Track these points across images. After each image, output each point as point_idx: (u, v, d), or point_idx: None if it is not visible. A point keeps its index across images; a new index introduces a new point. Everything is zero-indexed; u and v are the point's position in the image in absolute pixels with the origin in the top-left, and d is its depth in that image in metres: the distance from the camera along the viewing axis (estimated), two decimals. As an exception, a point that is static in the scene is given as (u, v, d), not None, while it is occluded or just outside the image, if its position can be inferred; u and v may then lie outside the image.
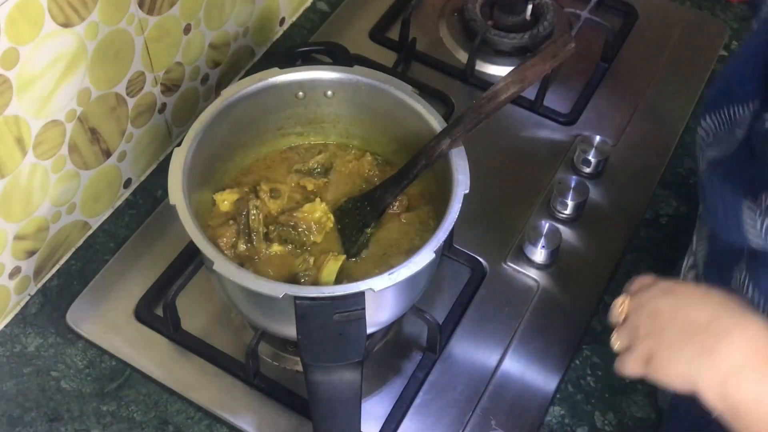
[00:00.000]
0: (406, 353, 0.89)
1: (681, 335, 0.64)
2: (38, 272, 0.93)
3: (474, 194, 0.77)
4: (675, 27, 1.20)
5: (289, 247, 0.83)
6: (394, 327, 0.89)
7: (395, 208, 0.86)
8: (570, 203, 0.98)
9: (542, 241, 0.94)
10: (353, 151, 0.92)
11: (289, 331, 0.72)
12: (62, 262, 0.95)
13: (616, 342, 0.69)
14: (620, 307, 0.70)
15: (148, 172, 1.03)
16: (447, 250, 0.94)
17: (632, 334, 0.67)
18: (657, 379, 0.65)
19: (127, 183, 1.01)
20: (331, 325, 0.71)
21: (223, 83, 1.10)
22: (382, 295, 0.72)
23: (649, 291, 0.68)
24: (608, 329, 0.92)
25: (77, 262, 0.96)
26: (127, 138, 0.97)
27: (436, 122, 0.83)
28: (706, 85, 1.14)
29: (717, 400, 0.61)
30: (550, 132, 1.08)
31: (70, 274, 0.95)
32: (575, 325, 0.92)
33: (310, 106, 0.88)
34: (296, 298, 0.70)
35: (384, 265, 0.82)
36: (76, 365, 0.88)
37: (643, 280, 0.70)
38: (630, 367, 0.67)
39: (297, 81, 0.86)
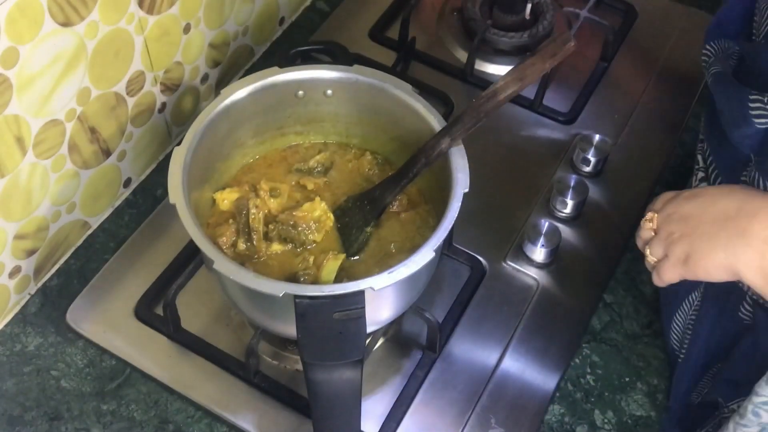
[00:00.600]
0: (405, 352, 0.89)
1: (714, 226, 0.67)
2: (38, 271, 0.93)
3: (473, 193, 0.78)
4: (674, 26, 1.20)
5: (289, 246, 0.83)
6: (393, 326, 0.89)
7: (395, 207, 0.86)
8: (569, 202, 0.98)
9: (542, 240, 0.94)
10: (353, 150, 0.92)
11: (289, 329, 0.72)
12: (62, 261, 0.96)
13: (650, 256, 0.72)
14: (649, 221, 0.72)
15: (147, 172, 1.03)
16: (447, 248, 0.94)
17: (666, 241, 0.70)
18: (697, 275, 0.68)
19: (127, 182, 1.01)
20: (331, 323, 0.71)
21: (222, 82, 1.10)
22: (381, 294, 0.72)
23: (674, 201, 0.71)
24: (607, 328, 0.93)
25: (77, 261, 0.96)
26: (126, 137, 0.97)
27: (435, 121, 0.83)
28: (705, 85, 1.13)
29: (757, 278, 0.65)
30: (550, 131, 1.08)
31: (70, 273, 0.95)
32: (575, 323, 0.92)
33: (310, 105, 0.88)
34: (296, 296, 0.70)
35: (384, 263, 0.82)
36: (76, 364, 0.88)
37: (666, 195, 0.73)
38: (668, 273, 0.70)
39: (297, 80, 0.86)
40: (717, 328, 0.81)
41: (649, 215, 0.73)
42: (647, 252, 0.72)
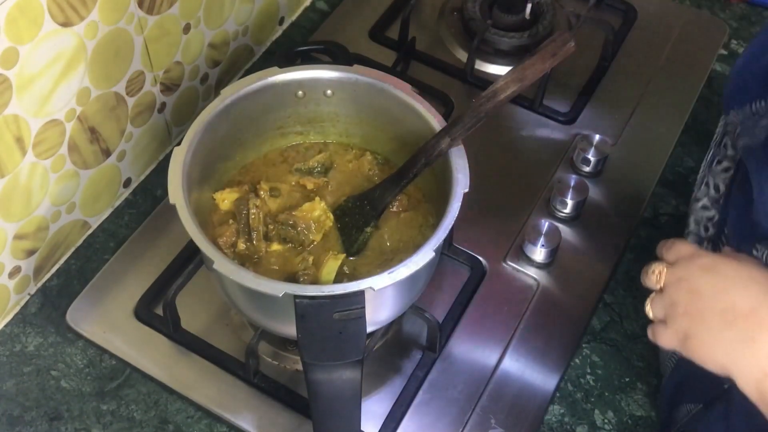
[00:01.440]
0: (405, 352, 0.89)
1: (721, 319, 0.63)
2: (38, 272, 0.93)
3: (473, 193, 0.77)
4: (674, 26, 1.20)
5: (289, 246, 0.83)
6: (393, 326, 0.89)
7: (395, 207, 0.86)
8: (569, 202, 0.98)
9: (542, 240, 0.94)
10: (353, 150, 0.92)
11: (289, 330, 0.72)
12: (62, 261, 0.96)
13: (651, 311, 0.69)
14: (657, 275, 0.69)
15: (147, 172, 1.03)
16: (447, 248, 0.94)
17: (669, 308, 0.66)
18: (692, 358, 0.65)
19: (127, 182, 1.01)
20: (330, 323, 0.71)
21: (222, 82, 1.10)
22: (381, 294, 0.72)
23: (688, 265, 0.67)
24: (607, 328, 0.93)
25: (77, 261, 0.96)
26: (126, 137, 0.97)
27: (435, 121, 0.83)
28: (706, 84, 1.14)
29: (753, 391, 0.61)
30: (550, 131, 1.08)
31: (70, 273, 0.95)
32: (575, 323, 0.92)
33: (310, 105, 0.88)
34: (296, 296, 0.70)
35: (383, 263, 0.82)
36: (76, 364, 0.88)
37: (681, 250, 0.69)
38: (665, 340, 0.67)
39: (296, 80, 0.86)
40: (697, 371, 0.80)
41: (658, 268, 0.69)
42: (648, 306, 0.69)
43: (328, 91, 0.87)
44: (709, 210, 0.83)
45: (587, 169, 1.03)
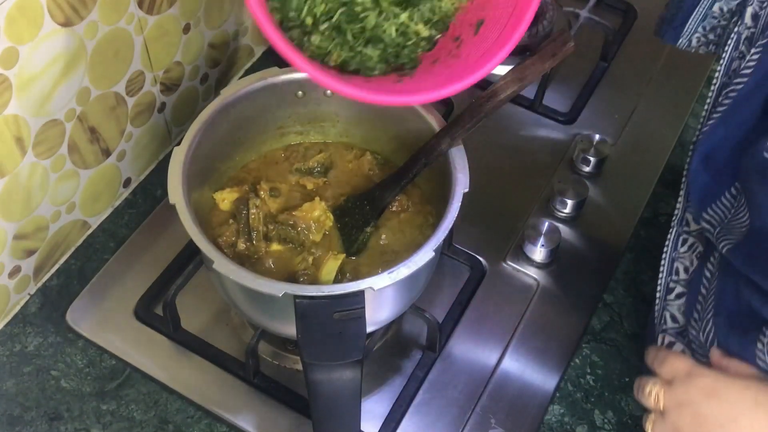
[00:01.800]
0: (405, 352, 0.89)
1: None
2: (38, 271, 0.93)
3: (473, 193, 0.77)
4: (674, 26, 1.20)
5: (289, 246, 0.83)
6: (393, 326, 0.89)
7: (395, 206, 0.86)
8: (569, 202, 0.98)
9: (542, 240, 0.94)
10: (353, 150, 0.92)
11: (289, 330, 0.72)
12: (62, 261, 0.95)
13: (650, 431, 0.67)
14: (654, 395, 0.67)
15: (147, 172, 1.03)
16: (446, 248, 0.94)
17: None
18: None
19: (127, 182, 1.01)
20: (330, 323, 0.71)
21: (222, 82, 1.10)
22: (381, 294, 0.72)
23: (688, 388, 0.65)
24: (607, 328, 0.93)
25: (77, 261, 0.96)
26: (126, 137, 0.97)
27: (435, 121, 0.83)
28: (705, 85, 1.14)
29: None
30: (550, 131, 1.08)
31: (70, 273, 0.95)
32: (575, 323, 0.92)
33: (310, 105, 0.88)
34: (296, 296, 0.70)
35: (383, 263, 0.82)
36: (76, 364, 0.88)
37: (675, 365, 0.67)
38: None
39: (297, 80, 0.86)
40: None
41: (654, 388, 0.67)
42: (648, 428, 0.68)
43: (328, 91, 0.87)
44: (681, 298, 0.80)
45: (587, 169, 1.03)
